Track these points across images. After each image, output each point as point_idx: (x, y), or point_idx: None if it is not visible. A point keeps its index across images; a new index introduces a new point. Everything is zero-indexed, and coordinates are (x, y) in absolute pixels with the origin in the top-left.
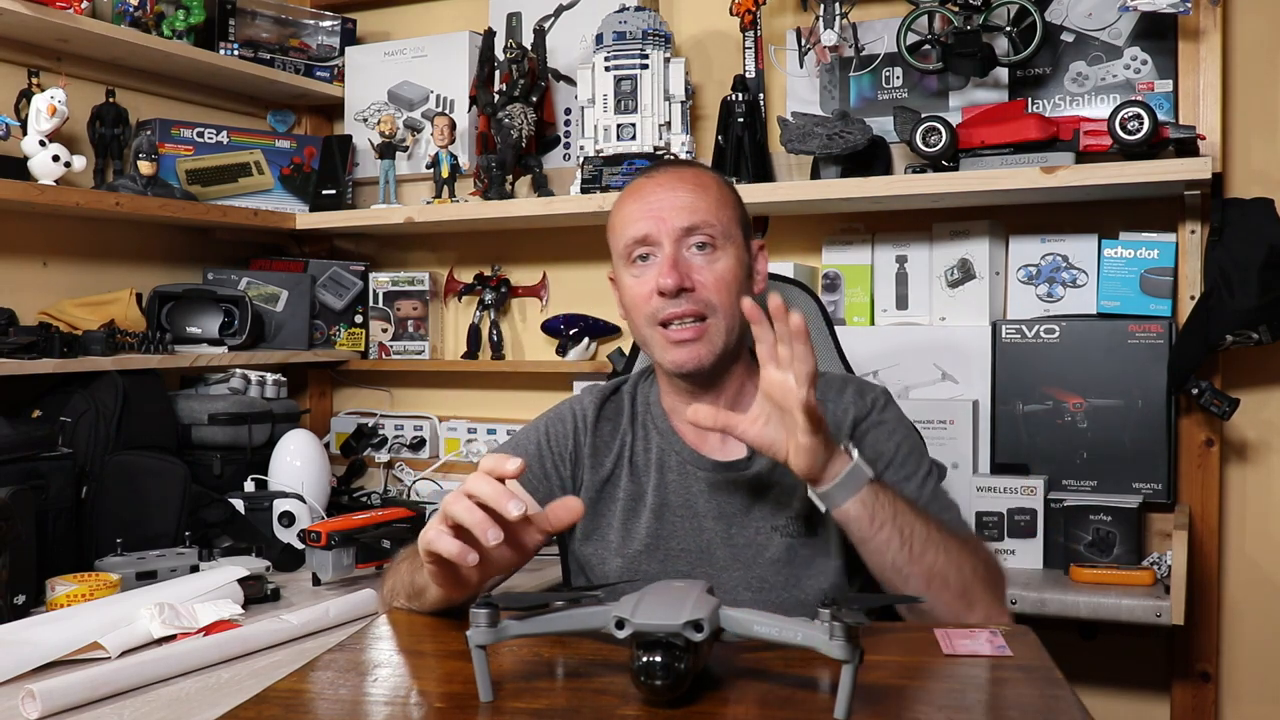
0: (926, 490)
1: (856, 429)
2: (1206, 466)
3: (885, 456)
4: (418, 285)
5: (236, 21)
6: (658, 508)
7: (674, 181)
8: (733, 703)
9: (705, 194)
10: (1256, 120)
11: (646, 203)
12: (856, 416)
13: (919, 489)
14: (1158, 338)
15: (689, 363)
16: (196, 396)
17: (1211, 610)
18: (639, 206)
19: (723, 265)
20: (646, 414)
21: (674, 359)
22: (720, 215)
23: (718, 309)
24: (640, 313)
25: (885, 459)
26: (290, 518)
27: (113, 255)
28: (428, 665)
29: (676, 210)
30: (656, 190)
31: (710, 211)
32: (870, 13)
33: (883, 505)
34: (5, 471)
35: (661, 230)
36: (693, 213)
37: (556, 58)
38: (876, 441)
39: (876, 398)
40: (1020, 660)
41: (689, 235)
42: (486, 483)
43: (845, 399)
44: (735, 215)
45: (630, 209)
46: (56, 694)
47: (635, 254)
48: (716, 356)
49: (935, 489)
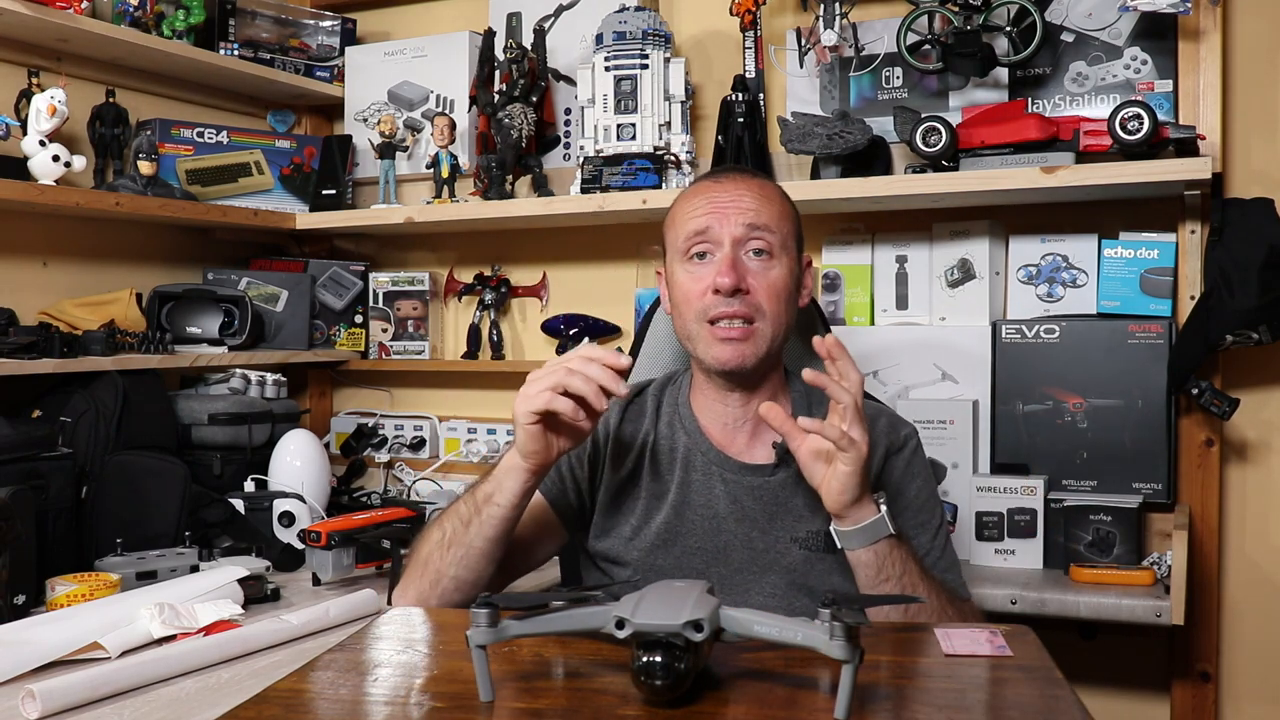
0: (938, 544)
1: (888, 460)
2: (1206, 466)
3: (905, 498)
4: (418, 285)
5: (236, 21)
6: (678, 504)
7: (742, 186)
8: (733, 703)
9: (769, 203)
10: (1256, 120)
11: (712, 200)
12: (889, 448)
13: (931, 540)
14: (1158, 338)
15: (732, 360)
16: (196, 396)
17: (1211, 610)
18: (703, 202)
19: (776, 274)
20: (674, 413)
21: (718, 355)
22: (781, 225)
23: (767, 315)
24: (691, 308)
25: (905, 501)
26: (290, 518)
27: (113, 255)
28: (428, 665)
29: (741, 211)
30: (723, 190)
31: (773, 219)
32: (870, 13)
33: (894, 562)
34: (5, 471)
35: (724, 228)
36: (756, 215)
37: (556, 58)
38: (902, 481)
39: (910, 435)
40: (1020, 660)
41: (749, 239)
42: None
43: (878, 429)
44: (793, 229)
45: (695, 203)
46: (56, 694)
47: (694, 249)
48: (759, 359)
49: (945, 544)
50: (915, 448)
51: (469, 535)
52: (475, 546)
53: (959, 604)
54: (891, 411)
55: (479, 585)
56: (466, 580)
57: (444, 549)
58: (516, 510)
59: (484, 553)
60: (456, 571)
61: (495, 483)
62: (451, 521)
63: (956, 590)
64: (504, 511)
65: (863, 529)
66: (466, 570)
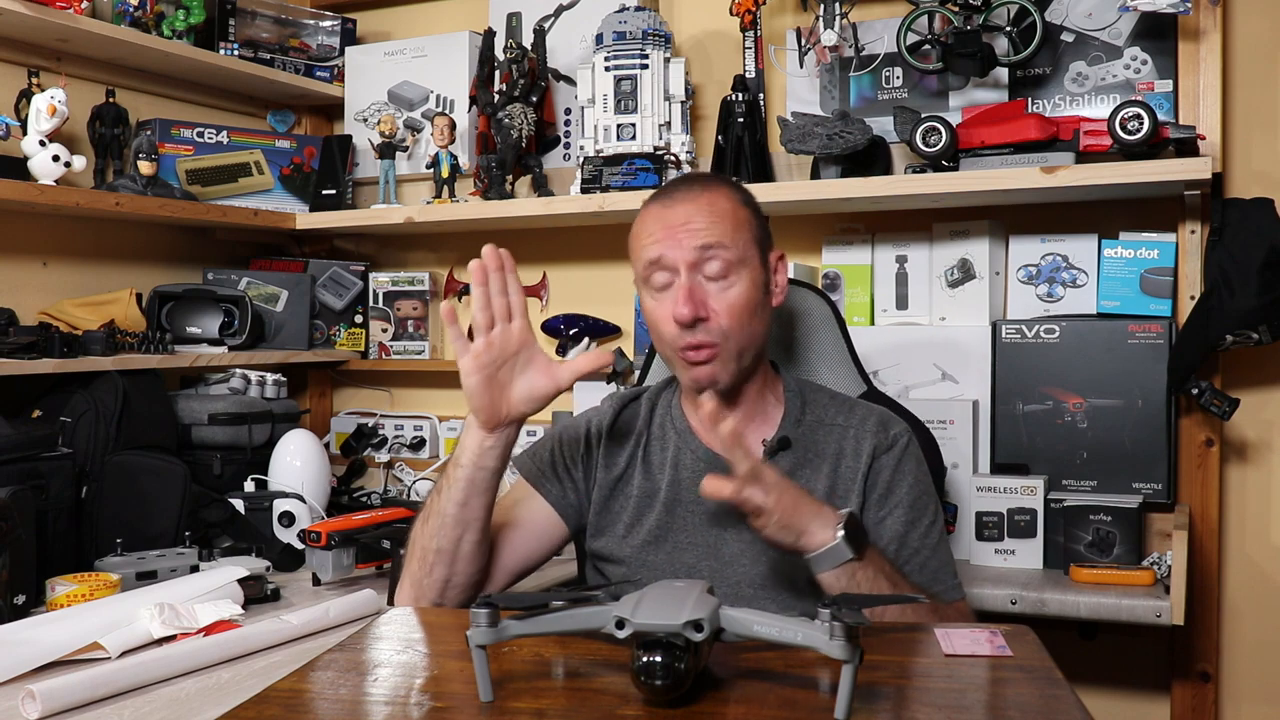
0: (929, 542)
1: (875, 459)
2: (1206, 466)
3: (895, 497)
4: (418, 285)
5: (236, 21)
6: (670, 503)
7: (690, 207)
8: (733, 703)
9: (722, 218)
10: (1256, 120)
11: (663, 224)
12: (875, 447)
13: (922, 538)
14: (1158, 338)
15: (705, 380)
16: (196, 396)
17: (1211, 610)
18: (656, 228)
19: (736, 292)
20: (666, 416)
21: (692, 376)
22: (737, 238)
23: (730, 336)
24: (661, 335)
25: (895, 500)
26: (290, 518)
27: (113, 255)
28: (428, 665)
29: (692, 233)
30: (673, 214)
31: (726, 234)
32: (870, 13)
33: (857, 585)
34: (5, 471)
35: (677, 256)
36: (709, 235)
37: (556, 58)
38: (891, 480)
39: (899, 434)
40: (1020, 660)
41: (704, 261)
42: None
43: (867, 426)
44: (752, 234)
45: (648, 228)
46: (56, 694)
47: (654, 278)
48: (732, 375)
49: (937, 543)
50: (905, 445)
51: (441, 502)
52: (448, 513)
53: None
54: (884, 410)
55: (464, 559)
56: (446, 550)
57: (423, 524)
58: (480, 473)
59: (457, 519)
60: (437, 544)
61: (459, 446)
62: (429, 499)
63: (941, 595)
64: (467, 472)
65: (820, 556)
66: (445, 540)
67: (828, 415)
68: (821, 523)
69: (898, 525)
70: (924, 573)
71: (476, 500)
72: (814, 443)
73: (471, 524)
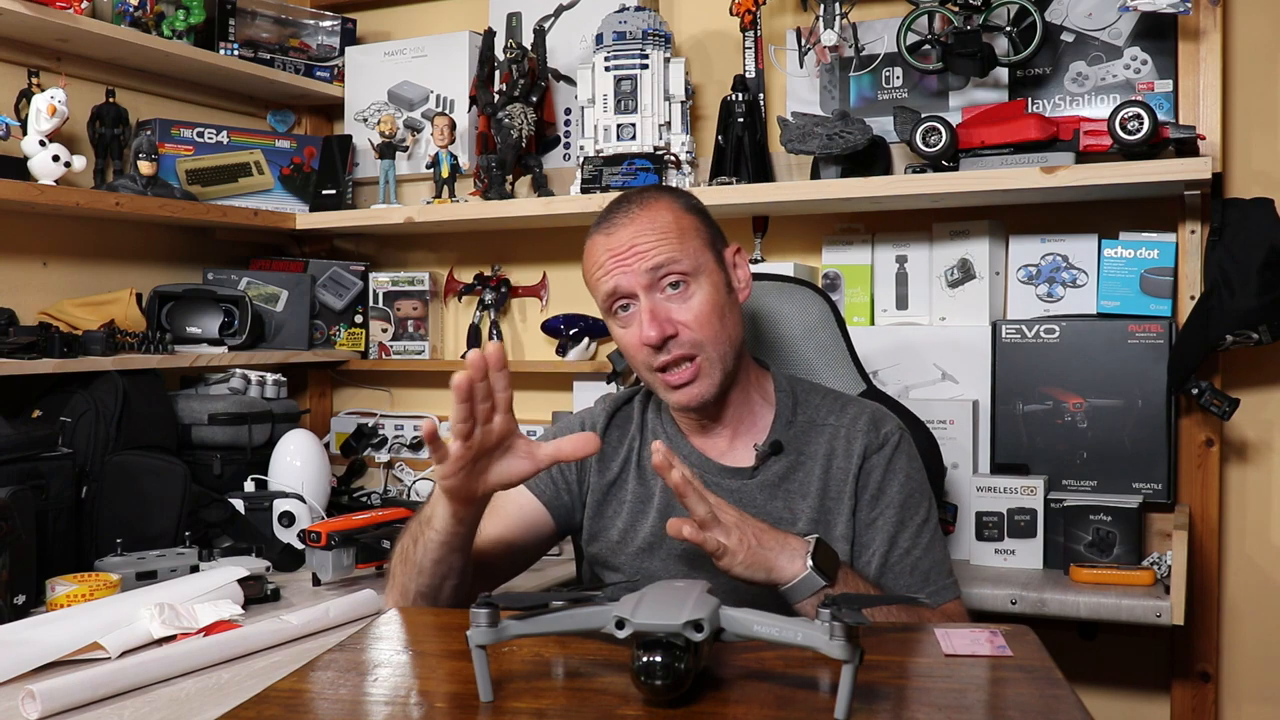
0: (921, 541)
1: (866, 459)
2: (1206, 466)
3: (886, 497)
4: (418, 285)
5: (236, 21)
6: (664, 509)
7: (631, 230)
8: (733, 703)
9: (666, 233)
10: (1256, 120)
11: (611, 253)
12: (866, 447)
13: (914, 538)
14: (1158, 338)
15: (691, 402)
16: (196, 396)
17: (1211, 610)
18: (606, 259)
19: (698, 300)
20: (658, 419)
21: (676, 400)
22: (685, 247)
23: (705, 344)
24: (636, 361)
25: (885, 501)
26: (290, 518)
27: (113, 255)
28: (428, 665)
29: (640, 256)
30: (616, 241)
31: (674, 248)
32: (870, 13)
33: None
34: (5, 471)
35: (632, 282)
36: (658, 252)
37: (556, 58)
38: (882, 480)
39: (890, 433)
40: (1020, 660)
41: (659, 279)
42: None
43: (859, 426)
44: (703, 239)
45: (598, 261)
46: (56, 694)
47: (616, 308)
48: (717, 386)
49: (930, 542)
50: (897, 444)
51: (418, 554)
52: (425, 566)
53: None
54: (876, 408)
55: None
56: (428, 593)
57: (403, 564)
58: (454, 537)
59: (434, 572)
60: (416, 587)
61: (432, 506)
62: (406, 538)
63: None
64: (440, 538)
65: (793, 588)
66: (424, 587)
67: (819, 415)
68: (789, 555)
69: (888, 526)
70: (915, 573)
71: (454, 556)
72: (806, 444)
73: (451, 573)
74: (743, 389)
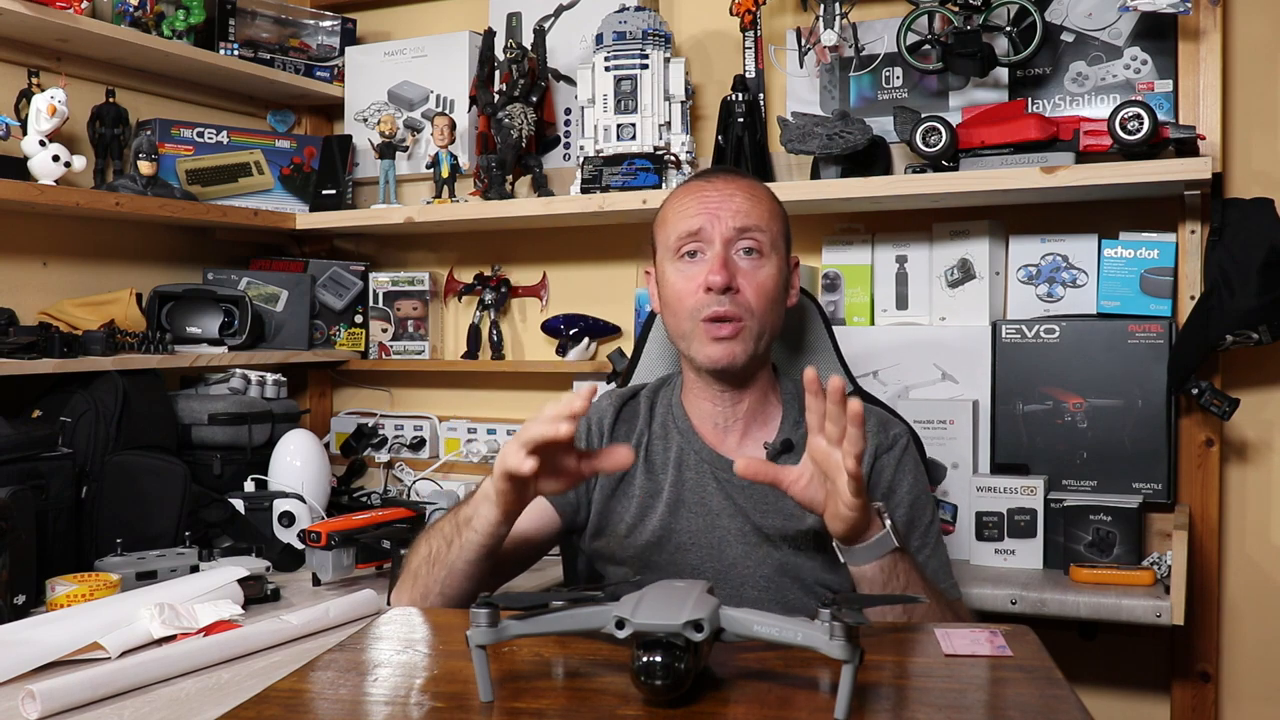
0: (929, 541)
1: (877, 459)
2: (1206, 466)
3: (896, 497)
4: (418, 285)
5: (236, 21)
6: (673, 503)
7: (733, 186)
8: (733, 703)
9: (760, 202)
10: (1256, 120)
11: (703, 200)
12: (877, 448)
13: (922, 537)
14: (1158, 338)
15: (724, 359)
16: (196, 396)
17: (1211, 610)
18: (694, 203)
19: (766, 273)
20: (667, 415)
21: (710, 354)
22: (771, 225)
23: (756, 313)
24: (684, 305)
25: (896, 500)
26: (290, 518)
27: (113, 255)
28: (428, 665)
29: (732, 212)
30: (714, 191)
31: (763, 219)
32: (870, 13)
33: (898, 575)
34: (5, 471)
35: (715, 228)
36: (747, 216)
37: (556, 58)
38: (893, 480)
39: (900, 435)
40: (1020, 660)
41: (740, 238)
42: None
43: (868, 426)
44: (782, 229)
45: (686, 203)
46: (56, 694)
47: (685, 248)
48: (749, 356)
49: (935, 543)
50: (905, 446)
51: (450, 555)
52: (457, 568)
53: (954, 606)
54: (881, 410)
55: (469, 597)
56: (454, 597)
57: (430, 565)
58: (494, 539)
59: (466, 574)
60: (442, 589)
61: (473, 507)
62: (437, 539)
63: (946, 591)
64: (480, 539)
65: (869, 545)
66: (451, 589)
67: None
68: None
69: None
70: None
71: (488, 560)
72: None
73: (482, 574)
74: (763, 382)
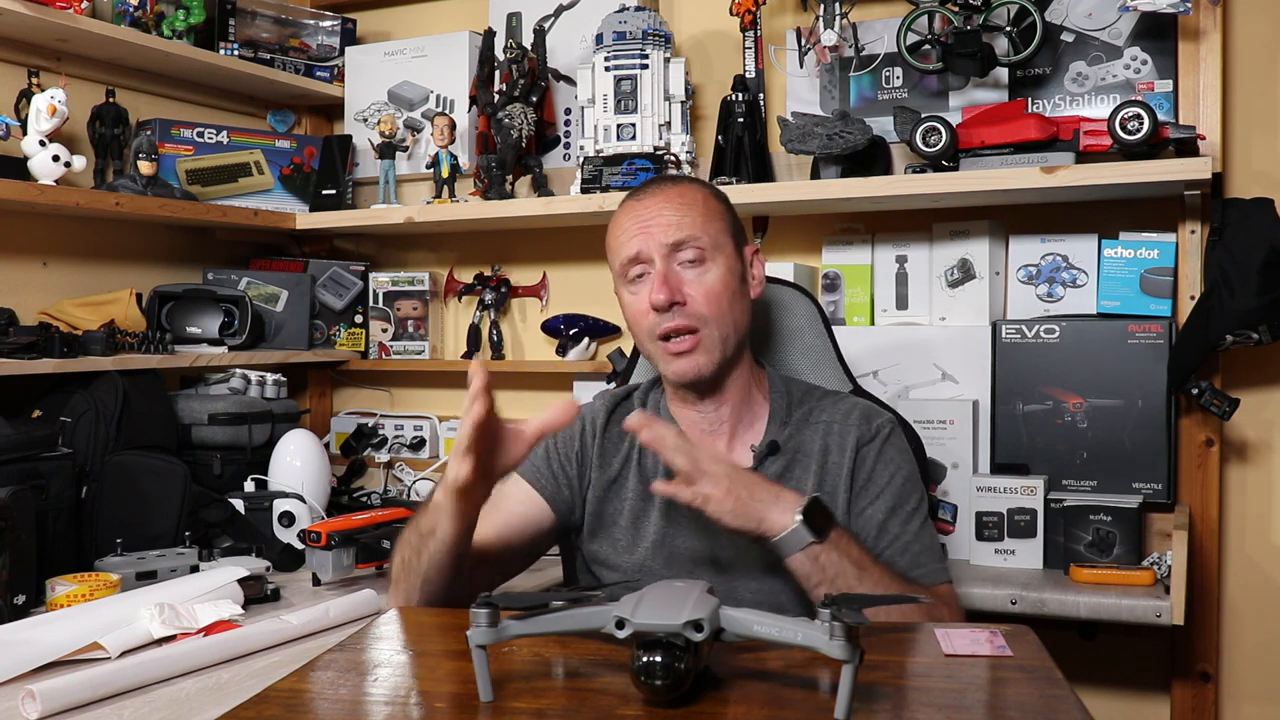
0: (911, 528)
1: (859, 451)
2: (1206, 466)
3: (878, 486)
4: (418, 285)
5: (236, 21)
6: (666, 507)
7: (661, 200)
8: (733, 703)
9: (692, 209)
10: (1256, 120)
11: (637, 220)
12: (859, 440)
13: (903, 525)
14: (1158, 338)
15: (689, 372)
16: (196, 396)
17: (1211, 610)
18: (632, 224)
19: (712, 277)
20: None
21: (675, 370)
22: (708, 228)
23: (710, 320)
24: (641, 328)
25: (878, 488)
26: (290, 518)
27: (113, 255)
28: (428, 665)
29: (664, 227)
30: (644, 209)
31: (697, 225)
32: (870, 13)
33: (821, 568)
34: (5, 471)
35: (651, 246)
36: (679, 228)
37: (556, 58)
38: (873, 470)
39: (882, 425)
40: (1020, 660)
41: (678, 250)
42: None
43: (851, 420)
44: (725, 225)
45: (624, 226)
46: (56, 694)
47: (631, 273)
48: (716, 365)
49: (920, 529)
50: (888, 436)
51: (422, 564)
52: (431, 576)
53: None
54: (868, 404)
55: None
56: (437, 597)
57: (406, 573)
58: (457, 541)
59: (441, 580)
60: (422, 594)
61: (432, 519)
62: (407, 549)
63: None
64: (444, 545)
65: (779, 542)
66: (431, 593)
67: (813, 413)
68: (781, 508)
69: (879, 513)
70: (905, 556)
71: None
72: (801, 442)
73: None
74: (743, 384)
